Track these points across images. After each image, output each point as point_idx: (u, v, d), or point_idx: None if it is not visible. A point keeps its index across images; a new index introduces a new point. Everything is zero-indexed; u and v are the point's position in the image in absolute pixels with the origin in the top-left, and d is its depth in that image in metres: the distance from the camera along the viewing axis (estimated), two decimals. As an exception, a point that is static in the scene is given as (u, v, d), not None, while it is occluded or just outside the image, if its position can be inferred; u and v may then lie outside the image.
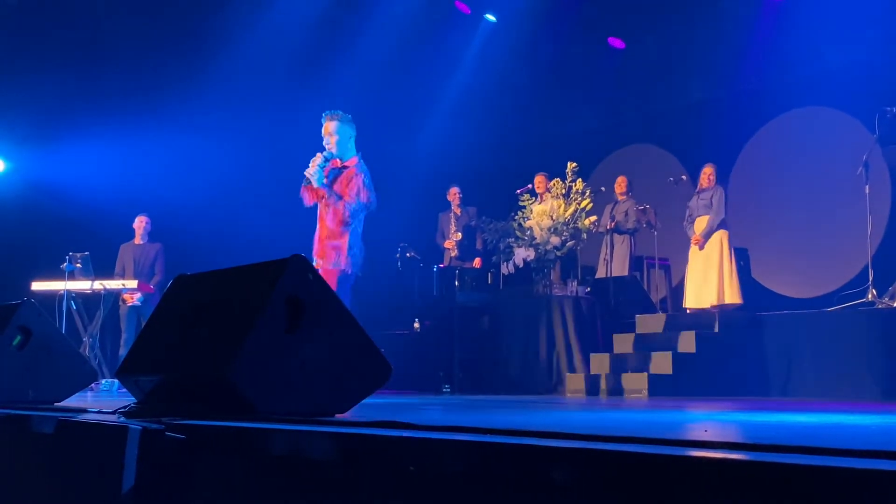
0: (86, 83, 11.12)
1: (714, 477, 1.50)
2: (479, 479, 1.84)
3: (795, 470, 1.41)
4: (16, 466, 3.32)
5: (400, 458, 2.01)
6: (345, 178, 6.39)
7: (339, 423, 2.70)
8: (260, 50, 11.41)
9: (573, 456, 1.71)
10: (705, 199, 9.78)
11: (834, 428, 2.99)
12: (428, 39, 12.41)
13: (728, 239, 9.71)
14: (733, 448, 1.86)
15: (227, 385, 2.96)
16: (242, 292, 3.35)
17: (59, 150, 11.27)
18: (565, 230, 9.82)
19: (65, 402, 4.77)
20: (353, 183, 6.31)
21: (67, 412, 3.42)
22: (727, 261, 9.64)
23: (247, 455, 2.41)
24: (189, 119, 11.24)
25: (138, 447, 2.47)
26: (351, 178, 6.35)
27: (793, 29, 10.73)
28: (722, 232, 9.69)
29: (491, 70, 12.78)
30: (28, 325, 4.78)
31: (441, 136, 13.00)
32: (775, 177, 11.74)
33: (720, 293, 9.57)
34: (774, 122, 11.95)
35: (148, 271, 10.50)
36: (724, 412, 4.58)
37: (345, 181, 6.37)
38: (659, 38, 12.11)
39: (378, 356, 3.34)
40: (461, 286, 10.68)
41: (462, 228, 11.49)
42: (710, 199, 9.74)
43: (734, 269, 9.68)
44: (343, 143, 6.42)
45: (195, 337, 3.34)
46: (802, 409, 4.87)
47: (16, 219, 10.92)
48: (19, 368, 4.68)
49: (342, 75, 11.89)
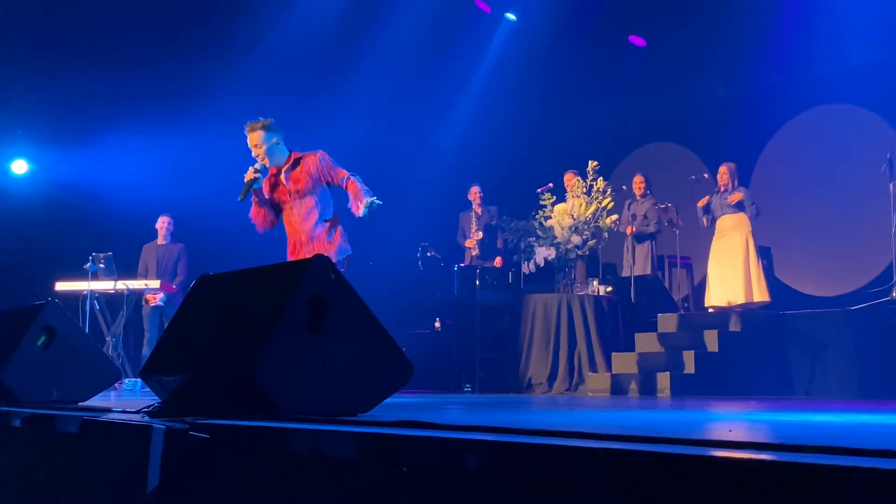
0: (109, 85, 11.19)
1: (740, 477, 1.49)
2: (502, 479, 1.83)
3: (822, 470, 1.40)
4: (41, 466, 3.34)
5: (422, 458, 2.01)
6: (308, 168, 5.76)
7: (362, 422, 2.70)
8: (282, 50, 11.43)
9: (597, 456, 1.70)
10: (729, 202, 9.69)
11: (859, 427, 2.97)
12: (448, 39, 12.41)
13: (752, 237, 9.65)
14: (759, 448, 1.85)
15: (250, 384, 2.97)
16: (265, 292, 3.36)
17: (83, 152, 11.35)
18: (586, 229, 9.79)
19: (89, 401, 4.80)
20: (334, 167, 5.76)
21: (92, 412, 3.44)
22: (753, 259, 9.57)
23: (270, 454, 2.42)
24: (211, 120, 11.29)
25: (163, 446, 2.48)
26: (323, 164, 5.75)
27: (815, 26, 10.66)
28: (747, 230, 9.62)
29: (511, 69, 12.77)
30: (52, 325, 4.81)
31: (462, 135, 13.01)
32: (798, 175, 11.66)
33: (748, 291, 9.50)
34: (797, 120, 11.87)
35: (171, 271, 10.55)
36: (748, 412, 4.56)
37: (313, 170, 5.74)
38: (680, 36, 12.04)
39: (400, 355, 3.34)
40: (482, 285, 10.67)
41: (483, 227, 11.48)
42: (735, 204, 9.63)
43: (761, 267, 9.62)
44: (273, 150, 5.76)
45: (219, 336, 3.35)
46: (827, 409, 4.84)
47: (40, 220, 11.00)
48: (44, 368, 4.71)
49: (363, 75, 11.92)
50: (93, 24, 11.16)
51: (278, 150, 5.80)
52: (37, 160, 11.63)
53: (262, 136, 5.76)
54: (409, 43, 11.89)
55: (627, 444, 1.82)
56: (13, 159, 11.48)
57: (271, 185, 5.87)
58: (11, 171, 11.49)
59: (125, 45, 11.37)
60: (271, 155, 5.78)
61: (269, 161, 5.78)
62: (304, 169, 5.76)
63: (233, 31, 11.42)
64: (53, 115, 11.23)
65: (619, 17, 12.25)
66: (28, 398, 4.47)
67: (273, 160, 5.79)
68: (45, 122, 11.29)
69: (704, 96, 12.69)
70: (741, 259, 9.56)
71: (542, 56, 12.54)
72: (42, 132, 11.36)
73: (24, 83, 10.93)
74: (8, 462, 3.59)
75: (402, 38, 11.85)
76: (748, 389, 8.45)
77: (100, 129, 11.26)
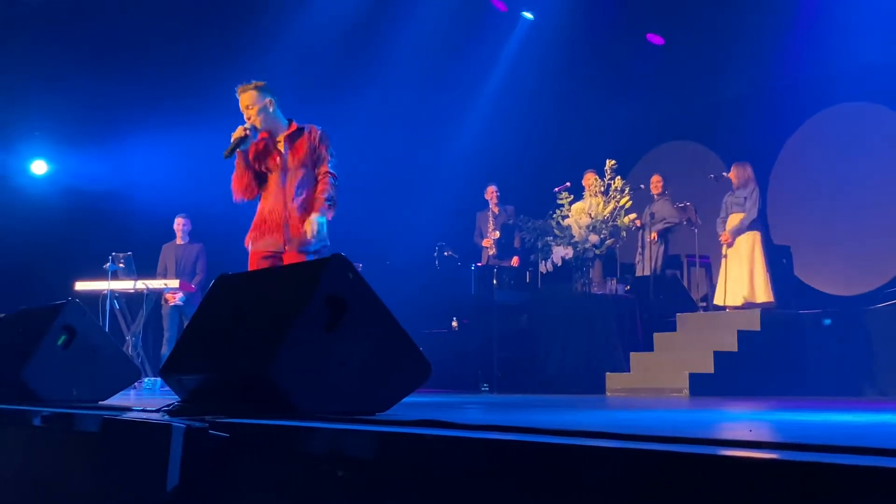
0: (127, 86, 11.25)
1: (759, 477, 1.48)
2: (522, 479, 1.83)
3: (842, 470, 1.39)
4: (61, 464, 3.36)
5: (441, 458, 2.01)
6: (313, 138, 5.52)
7: (379, 421, 2.71)
8: (298, 49, 11.46)
9: (616, 456, 1.70)
10: (738, 199, 9.69)
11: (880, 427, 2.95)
12: (465, 38, 12.41)
13: (761, 239, 9.62)
14: (779, 448, 1.84)
15: (268, 384, 2.97)
16: (283, 291, 3.37)
17: (102, 152, 11.41)
18: (604, 228, 9.77)
19: (109, 400, 4.82)
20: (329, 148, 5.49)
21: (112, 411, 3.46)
22: (759, 260, 9.54)
23: (289, 453, 2.42)
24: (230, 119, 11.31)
25: (182, 445, 2.49)
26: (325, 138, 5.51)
27: (834, 23, 10.60)
28: (754, 232, 9.59)
29: (528, 68, 12.76)
30: (72, 325, 4.83)
31: (479, 134, 13.01)
32: (817, 173, 11.60)
33: (752, 291, 9.48)
34: (816, 118, 11.81)
35: (190, 271, 10.59)
36: (767, 411, 4.54)
37: (316, 141, 5.50)
38: (698, 34, 12.01)
39: (418, 354, 3.34)
40: (499, 285, 10.66)
41: (500, 227, 11.47)
42: (742, 199, 9.64)
43: (766, 268, 9.58)
44: (265, 112, 5.49)
45: (237, 336, 3.36)
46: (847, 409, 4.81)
47: (59, 220, 11.06)
48: (64, 368, 4.73)
49: (380, 75, 11.94)
50: (110, 25, 11.22)
51: (272, 113, 5.53)
52: (56, 161, 11.69)
53: (255, 96, 5.50)
54: (426, 43, 11.90)
55: (647, 443, 1.81)
56: (33, 160, 11.56)
57: (257, 150, 5.57)
58: (31, 171, 11.56)
59: (143, 46, 11.43)
60: (265, 117, 5.50)
61: (261, 124, 5.50)
62: (306, 138, 5.52)
63: (250, 32, 11.45)
64: (72, 115, 11.29)
65: (636, 16, 12.22)
66: (48, 397, 4.49)
67: (266, 123, 5.52)
68: (65, 122, 11.36)
69: (723, 94, 12.64)
70: (747, 259, 9.53)
71: (560, 55, 12.52)
72: (61, 133, 11.43)
73: (43, 84, 11.00)
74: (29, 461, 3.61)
75: (419, 37, 11.86)
76: (767, 389, 8.41)
77: (119, 129, 11.32)
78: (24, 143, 11.42)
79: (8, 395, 4.50)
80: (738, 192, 9.72)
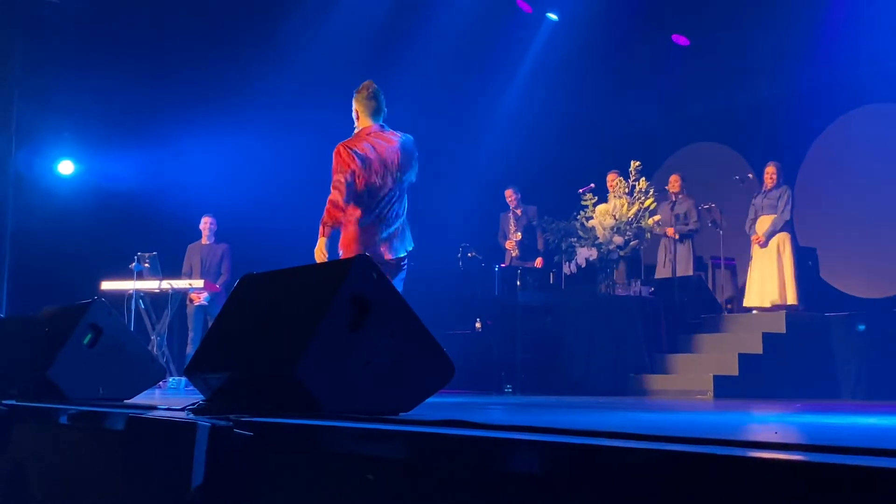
0: (155, 87, 11.31)
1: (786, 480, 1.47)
2: (547, 480, 1.83)
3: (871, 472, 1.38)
4: (87, 462, 3.38)
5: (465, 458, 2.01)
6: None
7: (404, 421, 2.71)
8: (323, 50, 11.50)
9: (642, 456, 1.69)
10: (771, 199, 9.64)
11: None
12: (489, 39, 12.40)
13: (791, 241, 9.56)
14: (805, 450, 1.83)
15: (293, 383, 2.98)
16: (308, 291, 3.37)
17: (128, 153, 11.47)
18: (628, 230, 9.73)
19: (134, 399, 4.85)
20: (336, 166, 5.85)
21: (137, 409, 3.48)
22: (788, 262, 9.50)
23: (313, 452, 2.43)
24: (254, 120, 11.37)
25: (207, 444, 2.50)
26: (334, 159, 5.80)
27: (861, 24, 10.52)
28: (784, 234, 9.54)
29: (553, 69, 12.73)
30: (98, 324, 4.87)
31: (503, 134, 12.98)
32: (844, 175, 11.51)
33: (781, 293, 9.43)
34: (842, 119, 11.73)
35: (215, 271, 10.64)
36: (793, 414, 4.51)
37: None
38: (724, 35, 11.95)
39: (442, 355, 3.34)
40: (523, 286, 10.65)
41: (522, 228, 11.45)
42: (776, 200, 9.60)
43: (794, 271, 9.52)
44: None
45: (262, 335, 3.38)
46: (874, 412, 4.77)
47: (86, 220, 11.13)
48: (90, 366, 4.76)
49: (404, 75, 11.93)
50: (138, 27, 11.29)
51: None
52: (83, 161, 11.77)
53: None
54: (451, 44, 11.90)
55: (672, 444, 1.80)
56: (60, 160, 11.64)
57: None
58: (58, 171, 11.65)
59: (171, 48, 11.49)
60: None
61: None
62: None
63: (277, 34, 11.49)
64: (100, 116, 11.36)
65: (661, 17, 12.17)
66: (75, 396, 4.52)
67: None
68: (92, 123, 11.43)
69: (749, 95, 12.56)
70: (775, 260, 9.48)
71: (584, 56, 12.49)
72: (88, 133, 11.50)
73: (72, 84, 11.07)
74: (55, 458, 3.64)
75: (444, 38, 11.86)
76: (792, 392, 8.36)
77: (145, 130, 11.38)
78: (51, 144, 11.50)
79: (35, 394, 4.54)
80: (771, 192, 9.66)
